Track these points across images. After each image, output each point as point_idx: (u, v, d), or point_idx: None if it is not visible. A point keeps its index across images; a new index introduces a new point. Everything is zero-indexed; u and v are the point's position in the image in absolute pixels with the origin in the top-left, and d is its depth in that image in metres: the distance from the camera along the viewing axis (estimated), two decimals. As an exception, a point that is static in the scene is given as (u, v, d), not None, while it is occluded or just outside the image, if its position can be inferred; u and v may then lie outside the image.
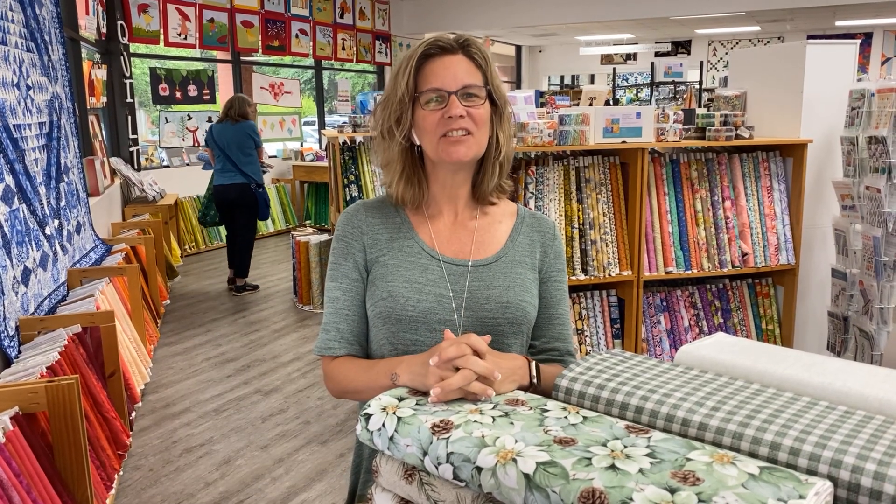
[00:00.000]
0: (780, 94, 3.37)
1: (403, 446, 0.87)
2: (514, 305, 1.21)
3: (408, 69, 1.15)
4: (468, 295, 1.20)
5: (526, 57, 15.39)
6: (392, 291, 1.19)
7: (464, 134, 1.16)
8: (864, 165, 2.93)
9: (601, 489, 0.71)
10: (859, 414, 0.85)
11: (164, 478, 2.86)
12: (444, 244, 1.25)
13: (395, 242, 1.24)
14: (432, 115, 1.16)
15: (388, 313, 1.19)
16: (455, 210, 1.27)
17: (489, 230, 1.28)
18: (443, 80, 1.15)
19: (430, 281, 1.20)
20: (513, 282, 1.23)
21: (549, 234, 1.31)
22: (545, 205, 2.94)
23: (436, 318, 1.18)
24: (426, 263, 1.22)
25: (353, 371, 1.18)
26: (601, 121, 2.97)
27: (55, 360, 2.50)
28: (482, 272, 1.22)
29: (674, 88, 9.63)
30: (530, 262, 1.27)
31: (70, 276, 3.66)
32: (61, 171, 3.91)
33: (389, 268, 1.21)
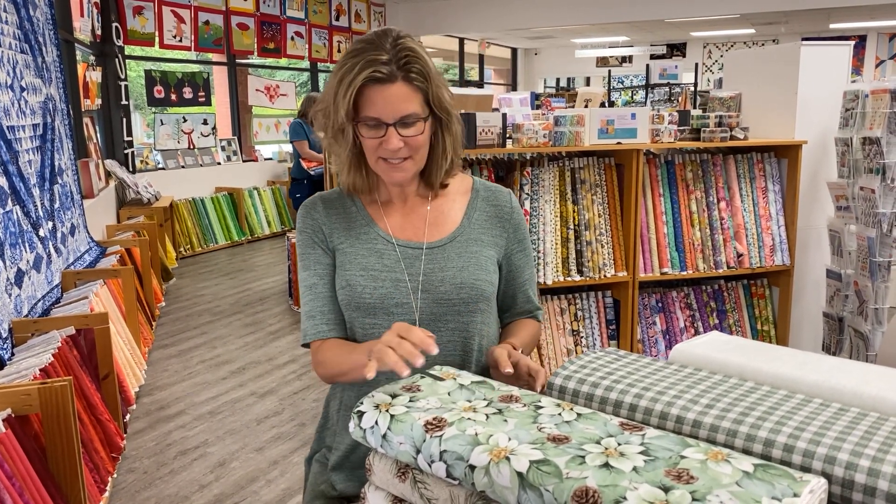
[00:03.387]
0: (774, 95, 3.37)
1: (396, 444, 0.86)
2: (469, 285, 1.23)
3: (347, 96, 1.14)
4: (423, 278, 1.22)
5: (522, 59, 15.42)
6: (349, 280, 1.22)
7: (402, 160, 1.18)
8: (859, 166, 2.94)
9: (594, 488, 0.70)
10: (853, 411, 0.85)
11: (159, 480, 2.84)
12: (399, 229, 1.27)
13: (353, 231, 1.27)
14: (370, 141, 1.17)
15: (347, 301, 1.22)
16: (406, 196, 1.29)
17: (443, 210, 1.30)
18: (381, 111, 1.15)
19: (386, 266, 1.23)
20: (468, 261, 1.25)
21: (507, 207, 1.32)
22: (540, 206, 2.94)
23: (393, 302, 1.21)
24: (382, 249, 1.25)
25: (340, 353, 1.21)
26: (596, 122, 2.97)
27: (48, 362, 2.48)
28: (437, 254, 1.25)
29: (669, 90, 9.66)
30: (488, 239, 1.29)
31: (64, 278, 3.64)
32: (55, 173, 3.89)
33: (347, 256, 1.25)
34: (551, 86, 15.72)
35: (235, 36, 7.88)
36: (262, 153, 8.75)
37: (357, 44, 1.17)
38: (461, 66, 13.18)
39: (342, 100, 1.14)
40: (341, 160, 1.24)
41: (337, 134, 1.20)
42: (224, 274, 6.50)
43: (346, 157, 1.22)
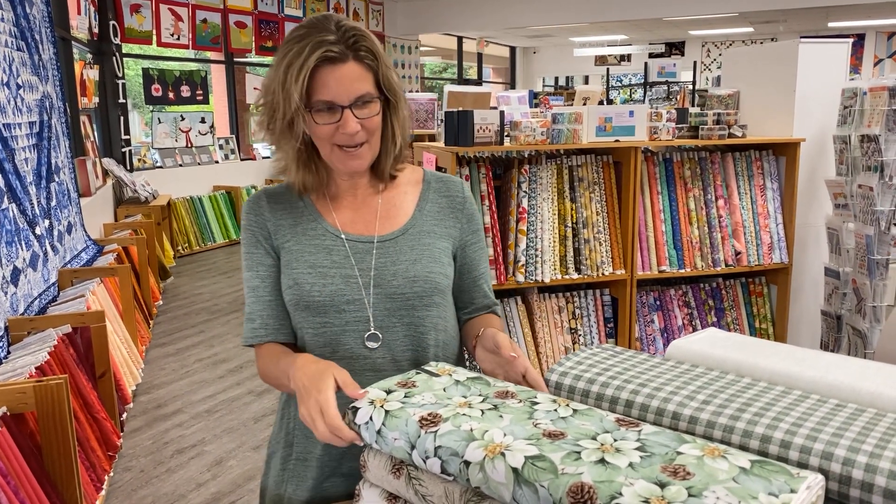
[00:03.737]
0: (772, 93, 3.37)
1: (391, 440, 0.85)
2: (423, 278, 1.18)
3: (300, 80, 1.07)
4: (375, 272, 1.18)
5: (520, 58, 15.41)
6: (297, 279, 1.17)
7: (358, 147, 1.14)
8: (857, 164, 2.94)
9: (590, 484, 0.70)
10: (850, 407, 0.84)
11: (156, 479, 2.83)
12: (349, 223, 1.22)
13: (299, 227, 1.21)
14: (325, 128, 1.11)
15: (295, 301, 1.17)
16: (356, 190, 1.24)
17: (394, 202, 1.25)
18: (335, 93, 1.09)
19: (336, 262, 1.18)
20: (420, 254, 1.20)
21: (459, 198, 1.28)
22: (538, 203, 2.93)
23: (344, 299, 1.16)
24: (330, 245, 1.19)
25: (269, 361, 1.17)
26: (594, 119, 2.96)
27: (44, 360, 2.48)
28: (388, 247, 1.20)
29: (667, 89, 9.66)
30: (441, 231, 1.24)
31: (61, 276, 3.63)
32: (52, 171, 3.88)
33: (294, 254, 1.19)
34: (550, 84, 15.72)
35: (233, 34, 7.87)
36: (260, 151, 8.74)
37: (298, 29, 1.11)
38: (460, 65, 13.17)
39: (294, 85, 1.07)
40: (289, 157, 1.17)
41: (284, 130, 1.13)
42: (222, 272, 6.50)
43: (295, 154, 1.16)
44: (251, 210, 1.23)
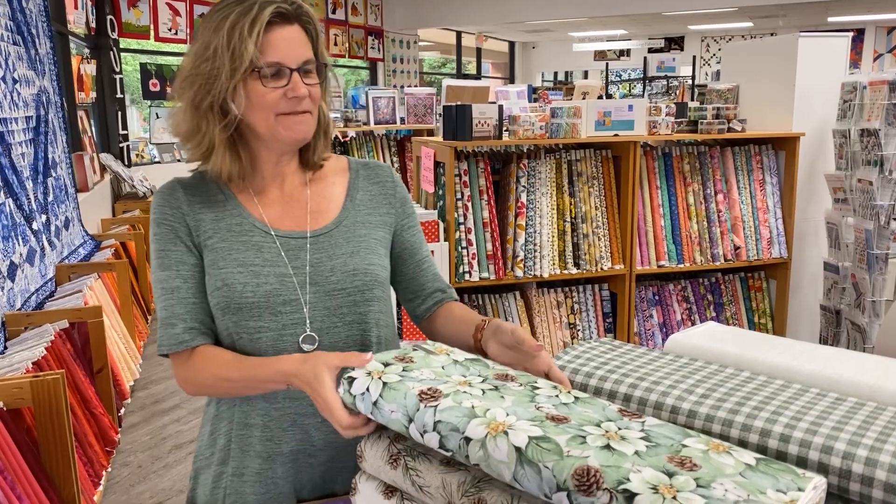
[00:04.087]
0: (772, 87, 3.36)
1: (388, 412, 0.83)
2: (362, 271, 1.12)
3: (253, 36, 1.00)
4: (311, 269, 1.10)
5: (519, 53, 15.38)
6: (226, 279, 1.07)
7: (304, 113, 1.07)
8: (857, 158, 2.93)
9: (596, 467, 0.68)
10: (850, 401, 0.84)
11: (153, 474, 2.83)
12: (277, 219, 1.13)
13: (223, 222, 1.11)
14: (273, 93, 1.03)
15: (226, 303, 1.07)
16: (283, 182, 1.16)
17: (324, 195, 1.18)
18: (284, 54, 1.03)
19: (268, 261, 1.09)
20: (357, 246, 1.14)
21: (389, 183, 1.22)
22: (537, 198, 2.92)
23: (279, 300, 1.08)
24: (260, 242, 1.10)
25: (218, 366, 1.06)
26: (593, 114, 2.95)
27: (41, 355, 2.47)
28: (322, 241, 1.13)
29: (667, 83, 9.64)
30: (375, 220, 1.18)
31: (58, 271, 3.62)
32: (49, 166, 3.87)
33: (220, 252, 1.09)
34: (549, 80, 15.69)
35: (231, 29, 7.83)
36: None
37: None
38: (458, 60, 13.14)
39: (248, 40, 1.00)
40: (214, 140, 1.06)
41: (213, 107, 1.04)
42: (220, 268, 6.48)
43: (222, 136, 1.06)
44: (165, 203, 1.11)
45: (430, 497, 0.83)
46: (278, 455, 1.12)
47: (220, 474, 1.15)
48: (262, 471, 1.13)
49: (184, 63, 1.07)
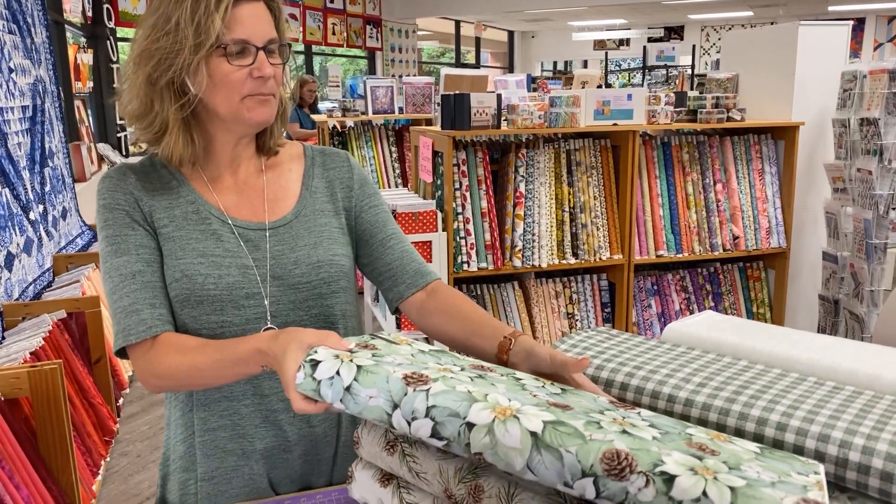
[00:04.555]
0: (772, 76, 3.34)
1: (365, 398, 0.76)
2: (327, 262, 1.08)
3: (221, 9, 0.94)
4: (273, 262, 1.05)
5: (518, 42, 15.32)
6: (186, 270, 1.01)
7: (268, 95, 1.02)
8: (856, 147, 2.92)
9: (626, 450, 0.63)
10: (848, 389, 0.83)
11: (152, 464, 2.83)
12: (233, 207, 1.08)
13: (178, 210, 1.05)
14: (238, 72, 0.98)
15: (185, 296, 1.01)
16: (238, 168, 1.10)
17: (279, 183, 1.13)
18: (251, 32, 0.98)
19: (228, 251, 1.04)
20: (319, 236, 1.09)
21: (345, 168, 1.17)
22: (535, 188, 2.92)
23: (242, 293, 1.02)
24: (218, 230, 1.05)
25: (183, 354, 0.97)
26: (592, 103, 2.94)
27: (39, 345, 2.46)
28: (283, 233, 1.08)
29: (666, 73, 9.61)
30: (333, 208, 1.13)
31: (56, 261, 3.61)
32: (46, 156, 3.86)
33: (177, 241, 1.03)
34: (548, 69, 15.64)
35: (229, 18, 7.80)
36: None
37: None
38: (457, 49, 13.09)
39: (215, 14, 0.94)
40: (168, 121, 1.00)
41: (164, 89, 0.98)
42: (219, 258, 6.48)
43: (176, 118, 1.00)
44: (117, 187, 1.03)
45: (427, 484, 0.83)
46: (252, 452, 1.09)
47: (186, 480, 1.11)
48: (236, 468, 1.09)
49: (138, 36, 0.99)
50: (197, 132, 1.04)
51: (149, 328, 0.98)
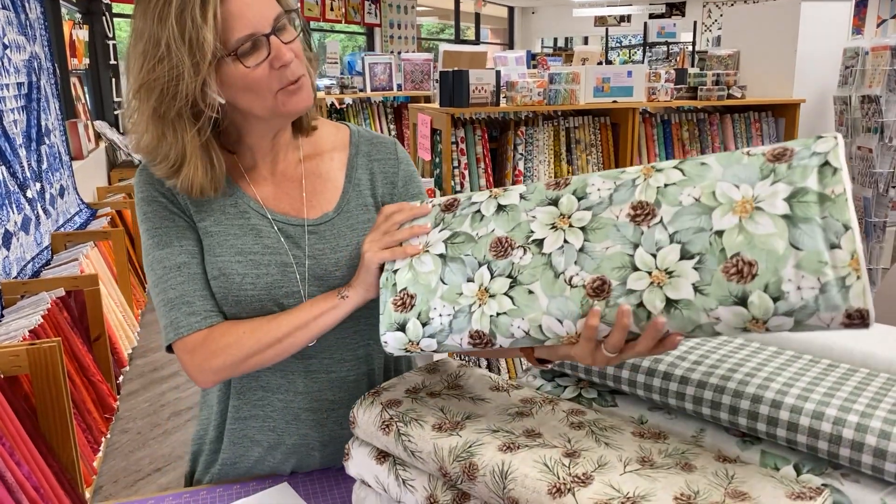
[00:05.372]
0: (773, 53, 3.31)
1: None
2: None
3: (209, 18, 0.83)
4: (312, 262, 0.99)
5: (518, 18, 15.18)
6: (223, 268, 0.96)
7: (299, 80, 0.92)
8: (857, 125, 2.90)
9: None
10: (842, 367, 0.84)
11: (153, 441, 2.86)
12: (272, 199, 1.01)
13: (215, 203, 0.98)
14: (259, 71, 0.88)
15: (223, 295, 0.96)
16: (276, 157, 1.03)
17: (319, 173, 1.05)
18: (254, 22, 0.86)
19: (268, 248, 0.98)
20: (362, 235, 1.00)
21: (391, 161, 1.08)
22: (534, 166, 2.90)
23: (281, 291, 0.98)
24: (258, 225, 0.99)
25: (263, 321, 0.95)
26: (591, 80, 2.91)
27: (38, 323, 2.47)
28: (324, 231, 1.01)
29: (667, 50, 9.53)
30: (374, 203, 1.06)
31: (54, 239, 3.61)
32: (42, 134, 3.83)
33: (215, 237, 0.97)
34: (549, 46, 15.51)
35: (225, -7, 7.71)
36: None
37: None
38: (457, 26, 12.98)
39: (204, 27, 0.82)
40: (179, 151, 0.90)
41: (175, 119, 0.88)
42: (218, 236, 6.47)
43: (194, 145, 0.91)
44: (152, 179, 0.97)
45: (422, 462, 0.83)
46: (279, 446, 1.07)
47: (212, 461, 1.12)
48: (262, 458, 1.09)
49: (131, 66, 0.89)
50: (219, 154, 0.95)
51: (203, 319, 0.95)
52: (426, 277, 0.86)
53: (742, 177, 0.69)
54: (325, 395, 1.07)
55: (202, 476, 1.14)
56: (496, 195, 0.85)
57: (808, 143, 0.68)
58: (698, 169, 0.72)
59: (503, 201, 0.84)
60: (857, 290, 0.62)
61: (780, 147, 0.69)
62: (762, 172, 0.68)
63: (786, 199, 0.66)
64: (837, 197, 0.64)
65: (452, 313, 0.83)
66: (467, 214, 0.86)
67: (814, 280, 0.64)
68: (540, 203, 0.81)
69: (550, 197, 0.81)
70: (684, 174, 0.73)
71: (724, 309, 0.68)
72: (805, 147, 0.68)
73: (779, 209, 0.67)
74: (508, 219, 0.82)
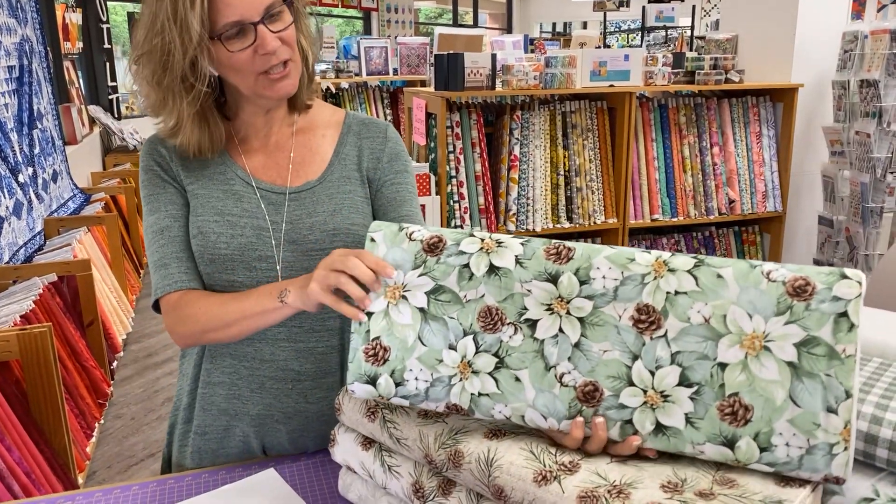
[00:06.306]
0: (772, 36, 3.28)
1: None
2: (344, 231, 1.05)
3: (197, 7, 0.90)
4: (289, 226, 1.04)
5: (517, 3, 15.06)
6: (202, 227, 1.03)
7: (284, 66, 0.98)
8: (855, 110, 2.88)
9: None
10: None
11: (146, 426, 2.85)
12: (260, 169, 1.08)
13: (207, 170, 1.07)
14: (242, 55, 0.95)
15: (199, 253, 1.03)
16: (269, 130, 1.09)
17: (310, 146, 1.10)
18: (242, 10, 0.93)
19: (246, 211, 1.04)
20: (340, 204, 1.07)
21: (380, 138, 1.13)
22: (530, 151, 2.88)
23: (254, 254, 1.03)
24: (241, 191, 1.06)
25: (224, 301, 0.99)
26: (588, 63, 2.88)
27: (29, 308, 2.45)
28: (304, 197, 1.06)
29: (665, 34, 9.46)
30: (359, 176, 1.10)
31: (47, 225, 3.59)
32: (34, 118, 3.80)
33: (200, 199, 1.05)
34: (547, 31, 15.40)
35: (220, -24, 7.63)
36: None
37: None
38: (455, 10, 12.87)
39: (192, 11, 0.90)
40: (181, 116, 0.99)
41: (176, 81, 0.96)
42: (213, 222, 6.45)
43: (188, 112, 0.99)
44: (153, 150, 1.08)
45: (408, 449, 0.82)
46: (244, 415, 1.09)
47: (185, 432, 1.14)
48: (228, 427, 1.10)
49: (136, 35, 0.98)
50: (214, 119, 1.03)
51: (175, 282, 1.03)
52: (403, 331, 0.81)
53: (757, 306, 0.67)
54: (290, 364, 1.07)
55: (180, 458, 1.14)
56: (488, 248, 0.79)
57: (831, 282, 0.65)
58: (713, 282, 0.69)
59: (496, 261, 0.78)
60: (841, 461, 0.63)
61: (801, 279, 0.66)
62: (778, 307, 0.66)
63: (796, 345, 0.65)
64: (847, 359, 0.64)
65: (430, 381, 0.79)
66: (454, 266, 0.80)
67: (803, 440, 0.64)
68: (537, 276, 0.77)
69: (550, 272, 0.76)
70: (698, 284, 0.70)
71: (710, 446, 0.68)
72: (827, 287, 0.65)
73: (787, 355, 0.66)
74: (501, 286, 0.78)
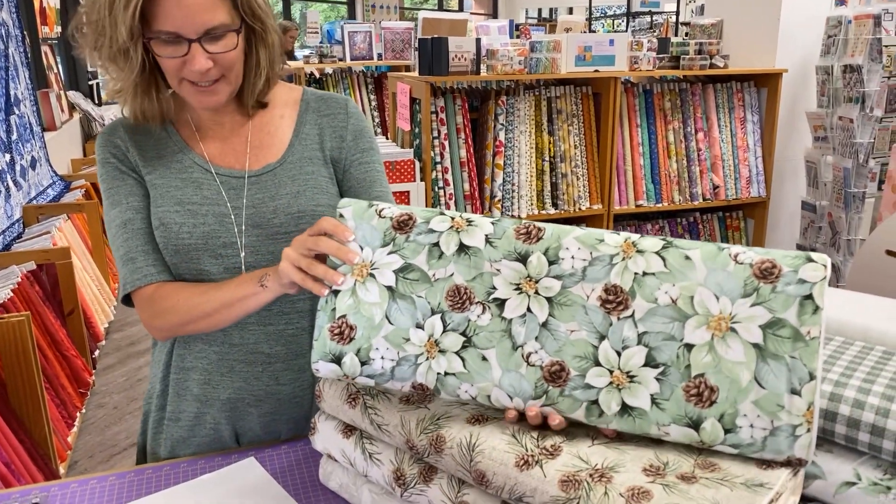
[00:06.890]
0: (756, 21, 3.27)
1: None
2: (309, 213, 1.03)
3: (129, 10, 0.87)
4: (251, 210, 1.02)
5: (502, -11, 14.95)
6: (163, 218, 1.01)
7: (212, 83, 0.96)
8: (838, 95, 2.88)
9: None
10: (837, 340, 0.82)
11: (129, 415, 2.82)
12: (218, 155, 1.06)
13: (164, 159, 1.04)
14: (170, 61, 0.93)
15: (163, 244, 1.01)
16: (222, 118, 1.07)
17: (268, 129, 1.08)
18: (180, 24, 0.90)
19: (207, 198, 1.02)
20: (303, 185, 1.04)
21: (341, 115, 1.10)
22: (515, 136, 2.86)
23: (218, 241, 1.01)
24: (200, 178, 1.03)
25: (202, 292, 0.98)
26: (573, 48, 2.87)
27: (7, 297, 2.42)
28: (265, 180, 1.04)
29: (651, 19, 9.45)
30: (322, 156, 1.08)
31: (25, 212, 3.53)
32: (11, 103, 3.73)
33: (158, 189, 1.02)
34: (533, 17, 15.34)
35: (202, -40, 7.52)
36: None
37: None
38: (440, -4, 12.78)
39: (122, 12, 0.87)
40: (122, 83, 0.97)
41: (116, 56, 0.93)
42: (197, 209, 6.39)
43: (131, 82, 0.96)
44: (108, 142, 1.04)
45: (389, 435, 0.81)
46: (215, 400, 1.08)
47: (159, 419, 1.12)
48: (200, 414, 1.09)
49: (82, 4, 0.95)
50: (158, 90, 1.00)
51: (144, 276, 1.01)
52: (369, 309, 0.80)
53: (724, 288, 0.67)
54: (260, 347, 1.06)
55: (154, 446, 1.13)
56: (458, 227, 0.79)
57: (796, 265, 0.66)
58: (681, 263, 0.69)
59: (466, 240, 0.78)
60: (804, 443, 0.64)
61: (768, 261, 0.67)
62: (745, 289, 0.67)
63: (762, 327, 0.66)
64: (811, 341, 0.64)
65: (396, 359, 0.79)
66: (424, 245, 0.80)
67: (767, 421, 0.65)
68: (507, 255, 0.76)
69: (519, 251, 0.76)
70: (666, 265, 0.70)
71: (676, 427, 0.68)
72: (793, 269, 0.66)
73: (753, 337, 0.66)
74: (470, 265, 0.77)
